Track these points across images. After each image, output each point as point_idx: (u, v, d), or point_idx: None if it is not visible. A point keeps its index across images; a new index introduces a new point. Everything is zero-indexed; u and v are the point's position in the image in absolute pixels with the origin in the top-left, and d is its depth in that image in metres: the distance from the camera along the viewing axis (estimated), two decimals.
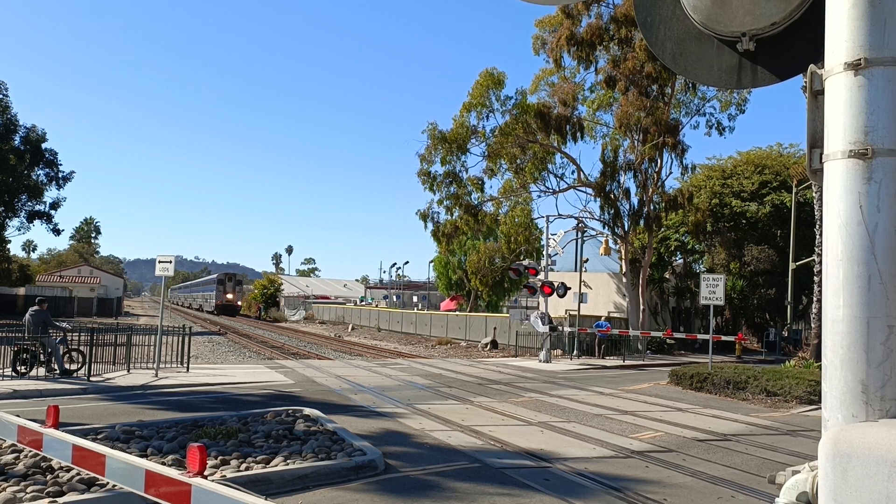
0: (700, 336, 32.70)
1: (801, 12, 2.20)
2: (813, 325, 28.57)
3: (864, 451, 1.50)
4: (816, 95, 1.84)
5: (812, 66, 1.89)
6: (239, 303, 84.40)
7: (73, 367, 17.56)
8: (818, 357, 23.72)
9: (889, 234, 1.67)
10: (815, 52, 2.03)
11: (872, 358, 1.65)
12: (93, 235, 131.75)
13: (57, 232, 56.97)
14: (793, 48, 2.28)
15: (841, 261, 1.71)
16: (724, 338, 33.25)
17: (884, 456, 1.46)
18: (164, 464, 7.41)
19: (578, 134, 36.87)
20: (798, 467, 1.80)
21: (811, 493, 1.69)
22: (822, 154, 1.80)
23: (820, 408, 1.85)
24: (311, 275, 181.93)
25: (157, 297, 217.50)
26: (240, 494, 3.10)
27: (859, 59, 1.70)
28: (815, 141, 1.84)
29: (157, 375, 18.21)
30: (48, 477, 7.49)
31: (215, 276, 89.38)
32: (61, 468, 7.83)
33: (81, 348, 18.01)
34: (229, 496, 3.11)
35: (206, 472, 3.53)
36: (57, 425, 4.56)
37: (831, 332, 1.71)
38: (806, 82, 1.89)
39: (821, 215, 14.15)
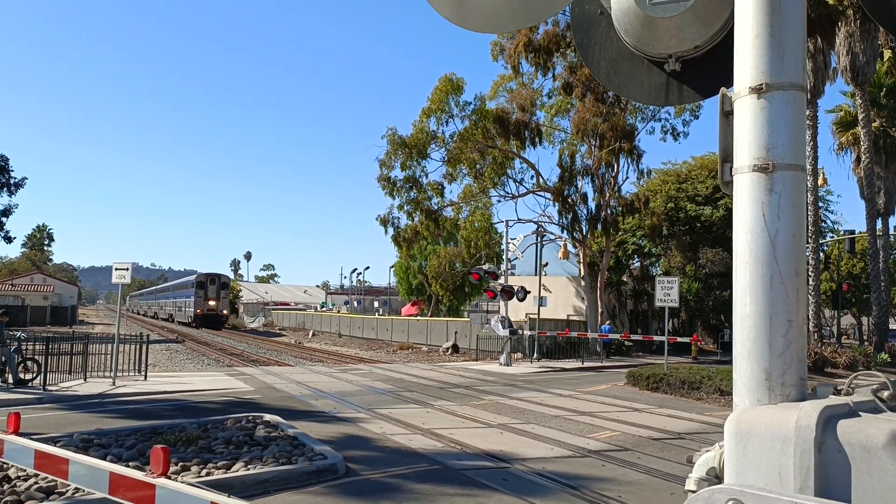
0: (657, 338, 33.27)
1: (721, 37, 2.42)
2: None
3: (761, 429, 1.71)
4: (727, 115, 2.05)
5: (723, 89, 2.10)
6: (225, 311, 68.26)
7: (29, 376, 17.30)
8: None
9: (788, 239, 1.88)
10: (733, 73, 2.23)
11: (774, 349, 1.86)
12: (46, 243, 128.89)
13: (9, 240, 55.63)
14: (714, 69, 2.50)
15: (747, 263, 1.91)
16: (680, 339, 33.83)
17: (776, 433, 1.67)
18: None
19: (537, 139, 37.30)
20: (708, 448, 2.01)
21: (718, 468, 1.90)
22: (731, 168, 2.01)
23: None
24: (271, 281, 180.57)
25: (113, 306, 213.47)
26: (204, 493, 3.21)
27: (761, 84, 1.91)
28: (727, 156, 2.05)
29: (114, 384, 18.03)
30: (5, 486, 7.46)
31: (192, 277, 72.57)
32: (18, 478, 7.81)
33: (37, 358, 17.75)
34: (194, 495, 3.23)
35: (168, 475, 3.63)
36: (18, 432, 4.60)
37: (740, 327, 1.92)
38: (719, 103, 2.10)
39: None
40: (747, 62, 1.95)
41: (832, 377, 24.33)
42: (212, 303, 66.09)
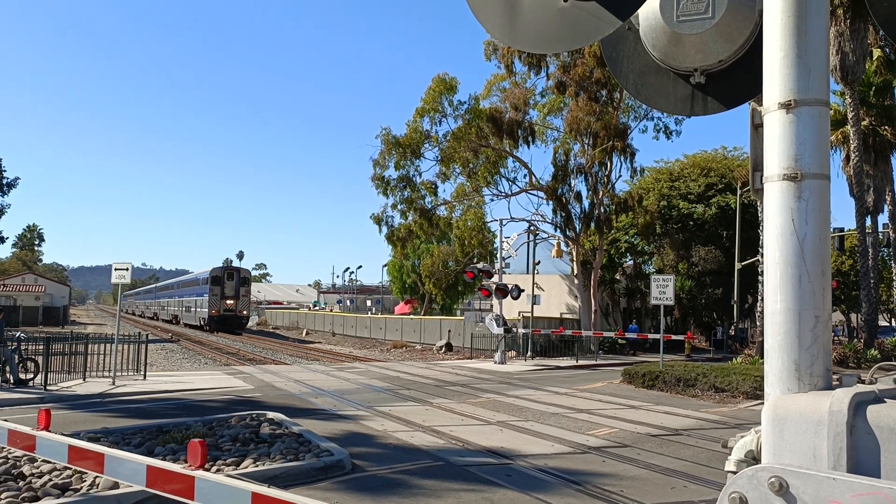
0: (651, 335, 33.51)
1: (744, 52, 2.61)
2: (758, 323, 29.55)
3: (796, 414, 1.90)
4: (757, 128, 2.23)
5: (753, 103, 2.27)
6: (245, 311, 57.89)
7: (28, 376, 17.37)
8: (763, 354, 24.74)
9: (815, 242, 2.06)
10: (755, 86, 2.40)
11: (803, 342, 2.04)
12: (36, 243, 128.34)
13: (1, 240, 55.64)
14: (737, 82, 2.69)
15: (778, 264, 2.09)
16: (673, 337, 34.09)
17: (810, 417, 1.86)
18: None
19: (530, 138, 37.48)
20: (744, 433, 2.19)
21: (756, 450, 2.08)
22: (762, 176, 2.18)
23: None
24: (263, 280, 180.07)
25: (104, 306, 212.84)
26: (244, 484, 3.36)
27: (790, 100, 2.09)
28: (757, 165, 2.23)
29: (114, 384, 18.10)
30: (21, 483, 7.57)
31: (204, 271, 61.09)
32: (32, 475, 7.92)
33: (36, 358, 17.81)
34: (234, 486, 3.37)
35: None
36: (48, 428, 4.73)
37: (770, 323, 2.10)
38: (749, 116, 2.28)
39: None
40: (776, 80, 2.12)
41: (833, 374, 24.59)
42: (229, 301, 55.85)
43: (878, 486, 1.57)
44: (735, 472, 1.89)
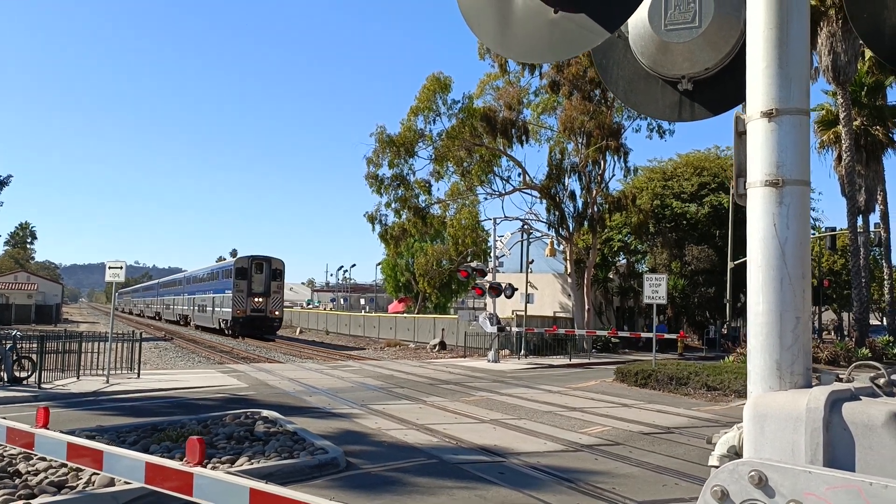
0: (644, 334, 33.63)
1: (730, 60, 2.70)
2: None
3: (776, 411, 1.99)
4: (741, 135, 2.32)
5: (737, 112, 2.36)
6: (276, 312, 47.19)
7: (23, 374, 17.37)
8: None
9: (796, 245, 2.14)
10: (741, 93, 2.48)
11: (784, 342, 2.14)
12: (28, 241, 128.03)
13: None
14: (724, 89, 2.79)
15: (760, 267, 2.18)
16: (666, 336, 34.20)
17: (790, 414, 1.95)
18: None
19: (524, 137, 37.61)
20: (727, 429, 2.28)
21: (738, 446, 2.17)
22: (745, 182, 2.27)
23: None
24: None
25: (96, 304, 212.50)
26: (242, 480, 3.43)
27: (771, 109, 2.18)
28: (741, 171, 2.31)
29: (108, 382, 18.11)
30: (17, 481, 7.60)
31: (227, 262, 52.49)
32: (28, 472, 7.95)
33: (31, 356, 17.80)
34: (232, 482, 3.43)
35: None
36: (47, 425, 4.79)
37: (753, 323, 2.19)
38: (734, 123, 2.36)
39: None
40: (759, 89, 2.21)
41: (814, 372, 24.77)
42: (258, 300, 45.94)
43: (850, 479, 1.65)
44: (718, 467, 1.97)
